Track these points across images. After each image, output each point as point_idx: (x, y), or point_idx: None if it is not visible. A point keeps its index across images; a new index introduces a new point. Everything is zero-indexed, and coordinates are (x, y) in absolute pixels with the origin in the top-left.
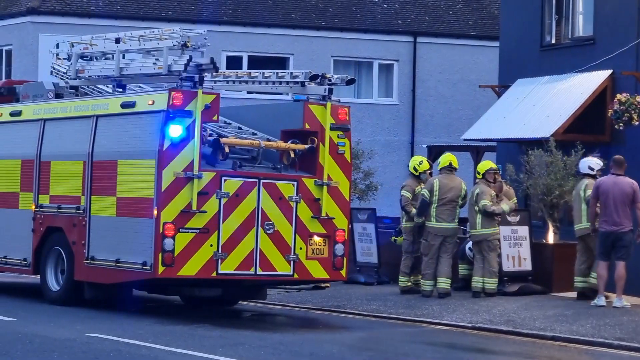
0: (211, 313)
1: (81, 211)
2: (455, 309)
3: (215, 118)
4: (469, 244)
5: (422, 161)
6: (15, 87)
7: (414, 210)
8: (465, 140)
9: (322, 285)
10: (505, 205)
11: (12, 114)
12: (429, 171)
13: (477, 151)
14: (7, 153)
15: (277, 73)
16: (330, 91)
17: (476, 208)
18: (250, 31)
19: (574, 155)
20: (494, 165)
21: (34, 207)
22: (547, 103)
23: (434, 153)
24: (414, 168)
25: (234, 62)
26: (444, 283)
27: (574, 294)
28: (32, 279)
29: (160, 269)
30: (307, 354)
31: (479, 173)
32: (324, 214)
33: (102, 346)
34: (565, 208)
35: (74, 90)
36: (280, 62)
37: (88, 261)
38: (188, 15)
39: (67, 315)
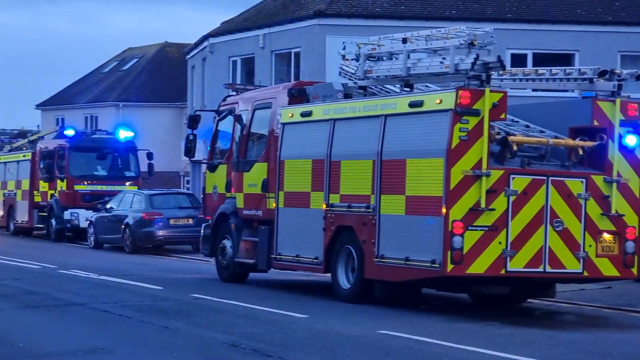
0: (499, 311)
1: (371, 210)
2: None
3: (502, 116)
4: None
5: None
6: (305, 88)
7: None
8: None
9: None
10: None
11: (302, 115)
12: None
13: None
14: (298, 153)
15: (565, 70)
16: (620, 87)
17: None
18: (535, 28)
19: None
20: None
21: (325, 206)
22: None
23: None
24: None
25: (518, 60)
26: None
27: None
28: (321, 277)
29: (449, 266)
30: (600, 354)
31: None
32: (613, 211)
33: (393, 343)
34: None
35: (362, 90)
36: (565, 59)
37: (378, 259)
38: (472, 14)
39: (357, 313)
